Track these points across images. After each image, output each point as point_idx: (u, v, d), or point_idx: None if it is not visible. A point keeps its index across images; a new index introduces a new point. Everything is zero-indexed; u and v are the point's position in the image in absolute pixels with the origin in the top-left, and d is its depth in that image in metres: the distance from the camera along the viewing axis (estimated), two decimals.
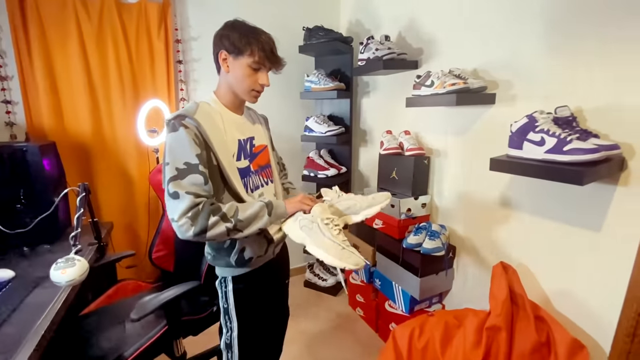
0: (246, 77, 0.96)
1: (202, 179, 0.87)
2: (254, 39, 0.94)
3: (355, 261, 0.86)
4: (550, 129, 1.07)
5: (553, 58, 1.22)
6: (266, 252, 1.06)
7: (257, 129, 1.12)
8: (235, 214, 0.88)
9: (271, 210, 0.92)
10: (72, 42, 1.76)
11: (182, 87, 2.07)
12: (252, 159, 1.06)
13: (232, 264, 1.01)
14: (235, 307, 1.05)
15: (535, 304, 1.25)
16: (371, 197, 1.08)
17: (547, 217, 1.28)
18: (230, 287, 1.05)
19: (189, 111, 0.92)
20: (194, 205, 0.84)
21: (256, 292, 1.08)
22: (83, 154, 1.86)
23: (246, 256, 1.01)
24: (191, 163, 0.86)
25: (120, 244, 1.97)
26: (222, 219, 0.86)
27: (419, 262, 1.60)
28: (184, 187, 0.85)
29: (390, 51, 1.75)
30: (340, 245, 0.88)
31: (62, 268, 1.01)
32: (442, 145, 1.74)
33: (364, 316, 2.15)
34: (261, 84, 0.98)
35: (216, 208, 0.87)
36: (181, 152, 0.87)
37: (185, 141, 0.86)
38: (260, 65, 0.96)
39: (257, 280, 1.07)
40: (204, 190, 0.87)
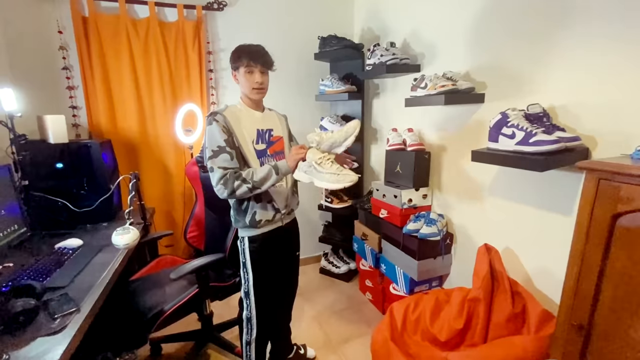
0: (246, 81, 1.29)
1: (229, 157, 1.23)
2: (243, 52, 1.28)
3: (350, 179, 1.14)
4: (520, 123, 1.22)
5: (531, 62, 1.36)
6: (274, 218, 1.36)
7: (275, 124, 1.44)
8: (252, 176, 1.21)
9: (277, 169, 1.22)
10: (124, 56, 2.11)
11: (212, 93, 2.37)
12: (269, 145, 1.39)
13: (247, 224, 1.32)
14: (251, 262, 1.36)
15: (514, 281, 1.40)
16: (344, 131, 1.29)
17: (528, 204, 1.43)
18: (247, 244, 1.36)
19: (220, 110, 1.31)
20: (223, 175, 1.21)
21: (267, 251, 1.38)
22: (131, 149, 2.21)
23: (257, 218, 1.32)
24: (221, 146, 1.23)
25: (160, 226, 2.30)
26: (243, 182, 1.21)
27: (416, 246, 1.77)
28: (216, 163, 1.22)
29: (394, 57, 1.94)
30: (335, 173, 1.16)
31: (120, 234, 1.31)
32: (440, 141, 1.91)
33: (372, 299, 2.34)
34: (256, 82, 1.29)
35: (238, 175, 1.22)
36: (215, 139, 1.23)
37: (216, 131, 1.24)
38: (251, 68, 1.28)
39: (268, 241, 1.37)
40: (231, 164, 1.23)
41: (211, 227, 1.93)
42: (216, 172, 1.22)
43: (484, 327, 1.35)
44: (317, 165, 1.18)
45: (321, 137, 1.30)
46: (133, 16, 2.12)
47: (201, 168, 1.91)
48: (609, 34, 1.10)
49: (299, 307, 2.20)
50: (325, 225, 2.83)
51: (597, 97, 1.15)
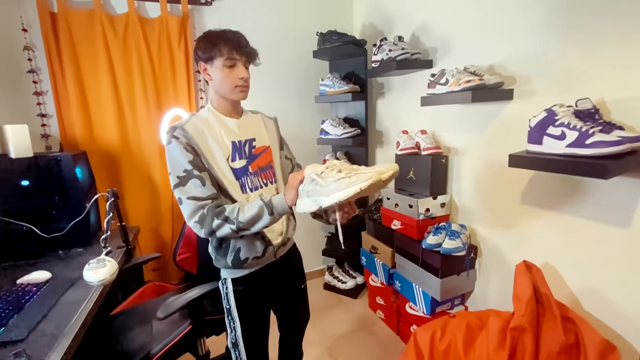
0: (225, 77, 0.98)
1: (199, 182, 0.93)
2: (219, 39, 0.97)
3: (368, 177, 0.77)
4: (571, 122, 1.04)
5: (571, 51, 1.19)
6: (264, 254, 1.05)
7: (258, 130, 1.13)
8: (237, 215, 0.90)
9: (271, 209, 0.90)
10: (100, 57, 1.87)
11: (202, 96, 2.14)
12: (252, 160, 1.07)
13: (229, 264, 1.03)
14: (237, 308, 1.08)
15: (562, 304, 1.21)
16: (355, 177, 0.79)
17: (572, 214, 1.24)
18: (230, 288, 1.08)
19: (180, 123, 0.98)
20: (196, 209, 0.92)
21: (257, 295, 1.10)
22: (111, 162, 1.97)
23: (242, 257, 1.02)
24: (188, 170, 0.93)
25: (147, 247, 2.05)
26: (225, 221, 0.91)
27: (439, 263, 1.58)
28: (185, 193, 0.92)
29: (404, 51, 1.75)
30: (345, 177, 0.79)
31: (94, 268, 1.07)
32: (459, 144, 1.72)
33: (385, 318, 2.13)
34: (240, 78, 0.99)
35: (219, 211, 0.92)
36: (177, 162, 0.94)
37: (177, 151, 0.94)
38: (233, 61, 0.98)
39: (257, 282, 1.09)
40: (205, 192, 0.93)
41: (204, 248, 1.68)
42: (186, 205, 0.92)
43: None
44: (318, 178, 0.83)
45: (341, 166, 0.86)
46: (109, 11, 1.88)
47: None
48: None
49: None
50: (329, 236, 2.61)
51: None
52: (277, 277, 1.14)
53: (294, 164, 1.27)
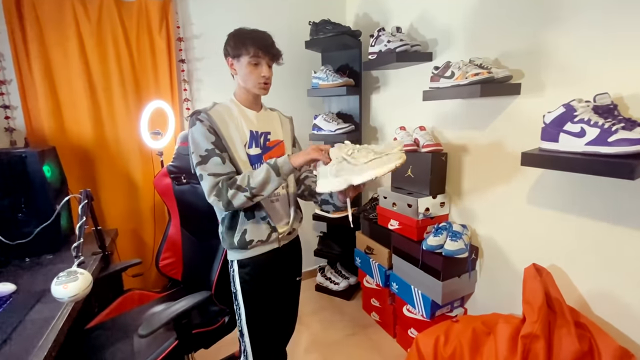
0: (249, 74, 1.07)
1: (220, 160, 1.02)
2: (248, 39, 1.05)
3: (398, 156, 0.90)
4: (592, 118, 0.97)
5: (583, 43, 1.12)
6: (268, 239, 1.11)
7: (274, 126, 1.20)
8: (249, 181, 0.99)
9: (277, 170, 0.98)
10: (71, 42, 1.69)
11: (185, 87, 1.99)
12: (265, 151, 1.15)
13: (235, 244, 1.08)
14: (242, 293, 1.13)
15: (574, 310, 1.16)
16: (386, 158, 0.90)
17: (584, 215, 1.19)
18: (237, 270, 1.12)
19: (205, 109, 1.08)
20: (215, 184, 1.00)
21: (261, 280, 1.14)
22: (85, 158, 1.79)
23: (247, 238, 1.08)
24: (209, 149, 1.02)
25: (126, 251, 1.90)
26: (238, 190, 0.99)
27: (440, 265, 1.51)
28: (206, 170, 1.01)
29: (403, 43, 1.66)
30: (375, 158, 0.90)
31: (63, 282, 0.93)
32: (460, 141, 1.65)
33: (380, 321, 2.06)
34: (263, 76, 1.07)
35: (232, 182, 1.00)
36: (201, 142, 1.03)
37: (201, 133, 1.03)
38: (258, 60, 1.06)
39: (261, 267, 1.14)
40: (224, 169, 1.02)
41: (190, 252, 1.56)
42: (206, 181, 1.02)
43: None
44: (348, 159, 0.92)
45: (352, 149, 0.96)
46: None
47: (174, 180, 1.54)
48: None
49: (296, 334, 1.87)
50: (321, 236, 2.52)
51: None
52: (279, 264, 1.19)
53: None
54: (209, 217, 1.39)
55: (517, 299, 1.46)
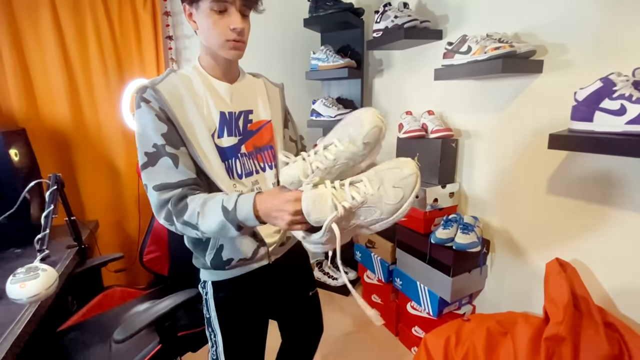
0: (213, 26, 0.73)
1: (171, 162, 0.72)
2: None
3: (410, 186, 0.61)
4: (633, 94, 0.85)
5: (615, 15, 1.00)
6: (254, 256, 0.84)
7: (258, 100, 0.90)
8: (197, 222, 0.69)
9: (237, 224, 0.67)
10: (44, 14, 1.52)
11: (173, 67, 1.83)
12: (246, 137, 0.84)
13: (208, 264, 0.82)
14: (219, 319, 0.86)
15: (602, 309, 1.05)
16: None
17: (612, 205, 1.08)
18: (211, 293, 0.87)
19: (154, 81, 0.76)
20: (163, 203, 0.72)
21: (243, 303, 0.88)
22: (61, 142, 1.63)
23: (224, 256, 0.81)
24: (158, 144, 0.72)
25: (108, 245, 1.75)
26: (188, 226, 0.71)
27: (450, 260, 1.39)
28: (153, 178, 0.72)
29: (412, 18, 1.53)
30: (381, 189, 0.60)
31: (21, 281, 0.79)
32: (472, 125, 1.53)
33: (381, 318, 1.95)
34: (232, 29, 0.73)
35: (181, 209, 0.71)
36: (147, 134, 0.72)
37: (148, 119, 0.72)
38: (223, 4, 0.72)
39: (244, 289, 0.87)
40: (176, 176, 0.72)
41: (177, 246, 1.41)
42: (151, 197, 0.72)
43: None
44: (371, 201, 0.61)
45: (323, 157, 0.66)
46: None
47: None
48: None
49: None
50: None
51: None
52: (274, 283, 0.92)
53: (300, 146, 1.03)
54: None
55: (532, 296, 1.37)
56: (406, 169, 0.62)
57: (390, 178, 0.62)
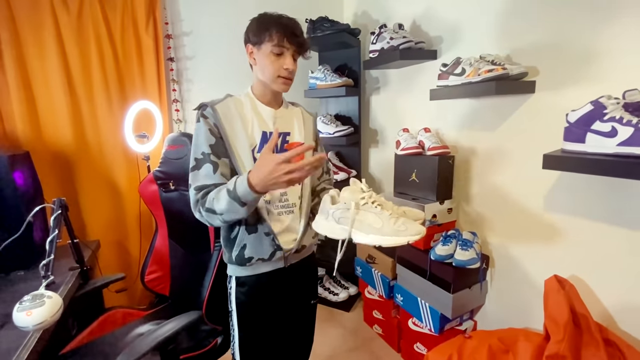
0: (270, 64, 0.91)
1: (211, 169, 0.88)
2: (272, 23, 0.91)
3: (416, 230, 0.74)
4: (624, 116, 0.88)
5: (605, 38, 1.04)
6: (271, 258, 0.96)
7: (296, 126, 1.04)
8: (214, 204, 0.83)
9: (239, 200, 0.79)
10: (49, 38, 1.56)
11: (174, 87, 1.87)
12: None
13: (233, 260, 0.95)
14: (237, 315, 0.99)
15: (601, 326, 1.06)
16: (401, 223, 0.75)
17: (608, 222, 1.10)
18: (234, 287, 0.99)
19: (213, 101, 0.93)
20: (197, 201, 0.87)
21: (260, 302, 1.00)
22: (64, 164, 1.65)
23: (246, 254, 0.94)
24: (205, 153, 0.89)
25: (109, 264, 1.75)
26: (211, 212, 0.85)
27: (451, 276, 1.40)
28: (195, 180, 0.88)
29: (407, 40, 1.57)
30: (390, 220, 0.75)
31: (27, 309, 0.80)
32: (468, 143, 1.56)
33: (383, 334, 1.95)
34: (285, 68, 0.91)
35: (204, 199, 0.86)
36: (198, 143, 0.90)
37: (202, 132, 0.89)
38: (281, 49, 0.90)
39: (262, 288, 0.99)
40: (210, 180, 0.87)
41: (179, 266, 1.43)
42: (191, 195, 0.88)
43: None
44: (359, 208, 0.77)
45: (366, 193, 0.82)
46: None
47: (161, 186, 1.42)
48: None
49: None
50: (318, 244, 2.40)
51: None
52: (284, 287, 1.03)
53: (325, 169, 1.16)
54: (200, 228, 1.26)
55: (532, 312, 1.38)
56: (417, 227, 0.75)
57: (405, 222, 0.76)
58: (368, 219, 0.76)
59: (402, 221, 0.75)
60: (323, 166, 1.15)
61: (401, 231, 0.72)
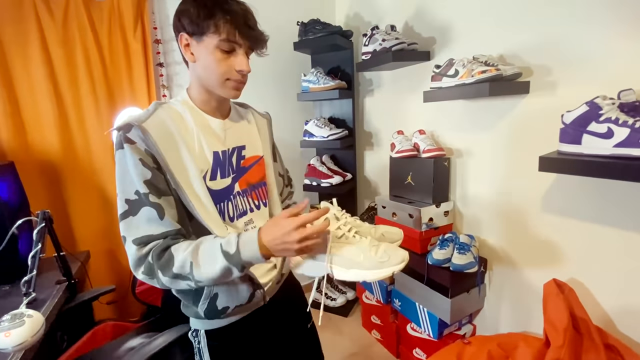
0: (217, 65, 0.70)
1: (155, 214, 0.66)
2: (219, 10, 0.68)
3: (400, 258, 0.69)
4: (620, 117, 0.87)
5: (600, 37, 1.03)
6: (251, 300, 0.79)
7: (251, 136, 0.86)
8: (191, 272, 0.65)
9: (242, 266, 0.65)
10: (33, 43, 1.51)
11: (164, 93, 1.83)
12: (239, 175, 0.81)
13: (201, 315, 0.77)
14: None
15: (601, 330, 1.04)
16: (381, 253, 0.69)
17: (608, 224, 1.08)
18: (204, 342, 0.81)
19: (139, 118, 0.68)
20: (141, 258, 0.66)
21: (241, 350, 0.82)
22: (51, 173, 1.61)
23: (219, 305, 0.76)
24: (141, 192, 0.66)
25: (99, 275, 1.70)
26: (178, 278, 0.65)
27: (448, 281, 1.38)
28: (131, 230, 0.66)
29: (399, 41, 1.55)
30: (371, 250, 0.69)
31: (6, 329, 0.76)
32: (464, 145, 1.54)
33: (382, 339, 1.92)
34: (238, 70, 0.71)
35: (166, 261, 0.65)
36: (129, 180, 0.66)
37: (131, 163, 0.65)
38: (232, 45, 0.70)
39: (241, 335, 0.82)
40: (160, 228, 0.66)
41: None
42: (129, 250, 0.67)
43: None
44: (336, 242, 0.70)
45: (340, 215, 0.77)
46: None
47: None
48: None
49: None
50: None
51: None
52: (271, 322, 0.87)
53: (286, 182, 1.02)
54: None
55: (532, 315, 1.36)
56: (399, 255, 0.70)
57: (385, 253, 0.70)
58: (347, 252, 0.69)
59: (383, 249, 0.69)
60: (284, 179, 1.02)
61: (384, 262, 0.67)
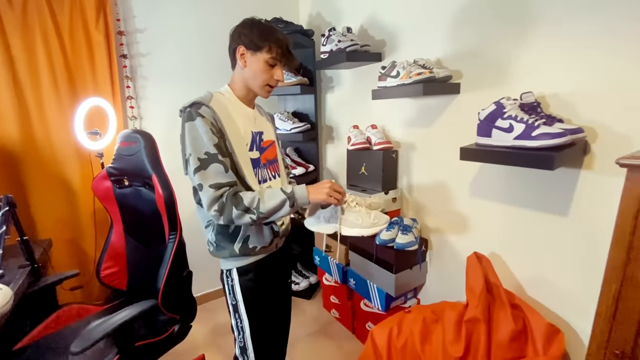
0: (262, 72, 0.99)
1: (222, 168, 0.91)
2: (273, 37, 0.98)
3: (385, 219, 1.05)
4: (518, 115, 1.06)
5: (514, 46, 1.22)
6: (270, 244, 1.06)
7: (266, 125, 1.15)
8: (258, 206, 0.90)
9: (294, 202, 0.92)
10: None
11: (128, 85, 1.87)
12: (261, 152, 1.08)
13: (236, 252, 1.01)
14: (244, 302, 1.05)
15: (510, 292, 1.25)
16: (374, 217, 1.05)
17: (516, 205, 1.29)
18: (237, 279, 1.05)
19: (205, 99, 0.95)
20: (216, 197, 0.90)
21: (264, 285, 1.08)
22: (10, 162, 1.61)
23: (250, 244, 1.02)
24: (211, 153, 0.91)
25: (62, 263, 1.73)
26: (245, 212, 0.90)
27: (393, 258, 1.56)
28: (207, 179, 0.90)
29: (353, 43, 1.70)
30: (368, 215, 1.02)
31: None
32: (409, 138, 1.72)
33: (340, 317, 2.09)
34: (276, 79, 1.02)
35: (239, 200, 0.90)
36: (201, 142, 0.91)
37: (203, 130, 0.90)
38: (276, 62, 0.99)
39: (263, 272, 1.08)
40: (225, 179, 0.92)
41: (135, 260, 1.47)
42: (206, 193, 0.90)
43: (485, 351, 1.17)
44: (345, 208, 1.03)
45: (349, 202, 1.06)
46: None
47: (115, 182, 1.44)
48: (601, 13, 0.98)
49: None
50: None
51: (597, 83, 1.03)
52: (275, 269, 1.14)
53: (285, 163, 1.28)
54: (155, 221, 1.32)
55: (463, 286, 1.56)
56: (384, 218, 1.07)
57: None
58: (351, 217, 1.01)
59: (374, 215, 1.03)
60: (285, 162, 1.27)
61: (375, 223, 1.02)
